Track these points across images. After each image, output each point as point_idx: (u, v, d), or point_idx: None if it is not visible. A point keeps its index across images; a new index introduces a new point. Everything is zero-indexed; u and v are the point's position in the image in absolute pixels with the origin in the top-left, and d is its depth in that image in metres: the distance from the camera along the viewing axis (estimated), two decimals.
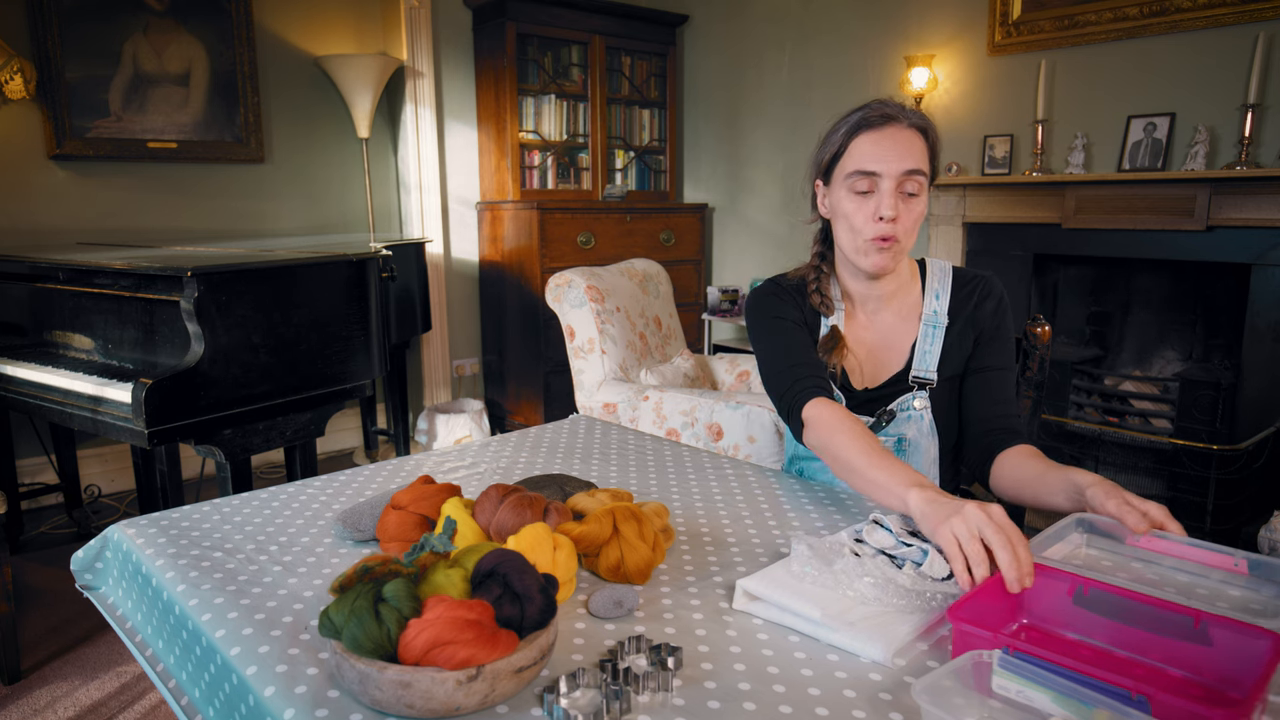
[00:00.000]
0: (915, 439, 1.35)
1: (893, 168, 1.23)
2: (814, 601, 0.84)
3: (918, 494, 0.98)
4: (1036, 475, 1.16)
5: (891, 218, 1.24)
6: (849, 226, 1.29)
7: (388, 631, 0.70)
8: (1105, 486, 0.99)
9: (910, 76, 3.53)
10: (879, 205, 1.24)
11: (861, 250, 1.28)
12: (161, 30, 3.38)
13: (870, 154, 1.24)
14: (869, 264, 1.29)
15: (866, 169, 1.25)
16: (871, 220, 1.25)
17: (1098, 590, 0.81)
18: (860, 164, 1.25)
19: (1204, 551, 0.91)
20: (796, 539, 0.93)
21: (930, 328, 1.35)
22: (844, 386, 1.38)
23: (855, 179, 1.26)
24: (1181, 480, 2.81)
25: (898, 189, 1.24)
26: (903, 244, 1.28)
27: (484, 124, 4.21)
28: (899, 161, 1.23)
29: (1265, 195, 2.69)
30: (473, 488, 1.28)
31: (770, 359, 1.36)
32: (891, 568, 0.90)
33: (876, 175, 1.24)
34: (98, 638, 2.31)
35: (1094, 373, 3.26)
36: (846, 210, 1.28)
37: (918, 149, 1.25)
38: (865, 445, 1.12)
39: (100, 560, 1.16)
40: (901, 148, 1.24)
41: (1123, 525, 0.94)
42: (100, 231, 3.34)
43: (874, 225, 1.25)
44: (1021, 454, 1.23)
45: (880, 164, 1.24)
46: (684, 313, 4.09)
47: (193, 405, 2.00)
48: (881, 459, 1.08)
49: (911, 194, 1.25)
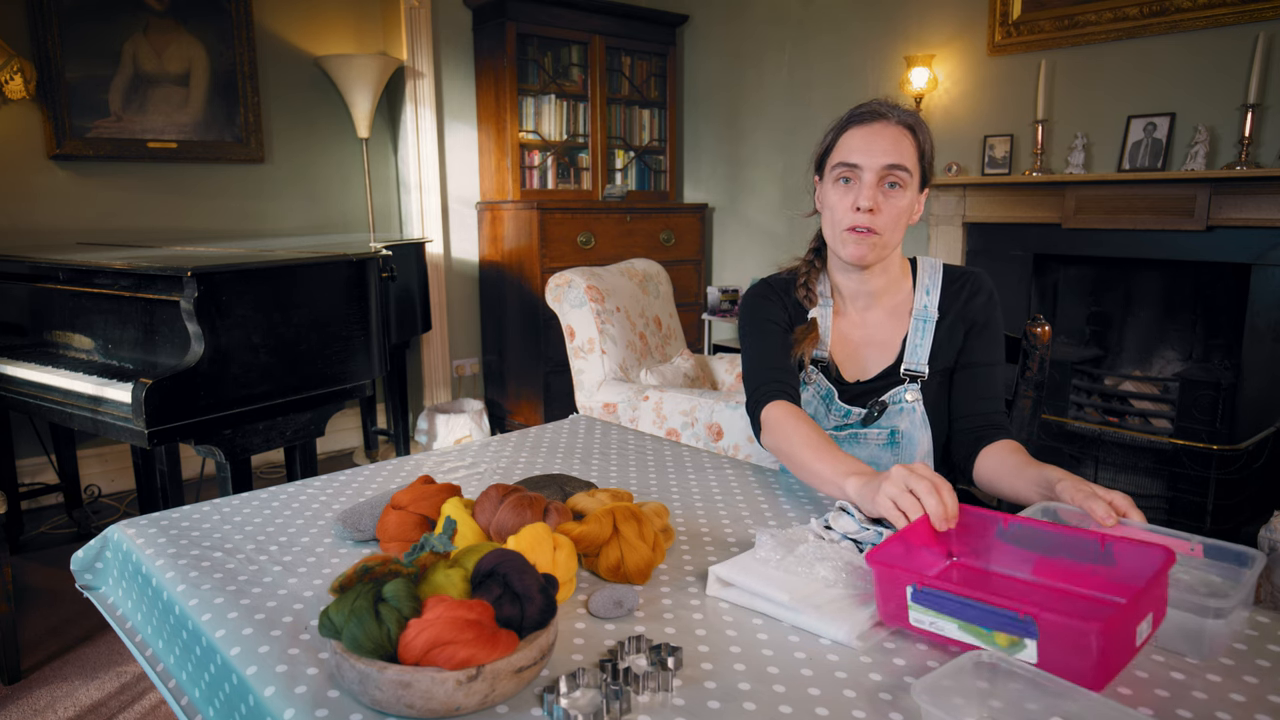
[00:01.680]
0: (908, 431, 1.37)
1: (874, 160, 1.27)
2: (782, 586, 0.88)
3: (854, 480, 1.05)
4: (1013, 469, 1.20)
5: (868, 208, 1.27)
6: (830, 217, 1.33)
7: (388, 631, 0.70)
8: (1075, 480, 1.05)
9: (910, 76, 3.53)
10: (857, 196, 1.28)
11: (839, 240, 1.32)
12: (161, 30, 3.38)
13: (855, 147, 1.29)
14: (845, 253, 1.32)
15: (849, 161, 1.29)
16: (849, 210, 1.29)
17: (1017, 524, 0.91)
18: (844, 156, 1.30)
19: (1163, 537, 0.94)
20: (760, 530, 0.99)
21: (921, 322, 1.38)
22: (836, 380, 1.40)
23: (839, 170, 1.31)
24: (1181, 480, 2.80)
25: (879, 182, 1.28)
26: (883, 238, 1.30)
27: (484, 124, 4.21)
28: (881, 155, 1.27)
29: (1265, 195, 2.69)
30: (473, 488, 1.28)
31: (746, 360, 1.42)
32: (852, 552, 0.96)
33: (858, 167, 1.28)
34: (98, 638, 2.32)
35: (1094, 373, 3.26)
36: (830, 201, 1.33)
37: (904, 146, 1.28)
38: (814, 441, 1.19)
39: (100, 560, 1.16)
40: (885, 142, 1.27)
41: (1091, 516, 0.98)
42: (100, 231, 3.34)
43: (851, 215, 1.29)
44: (1003, 449, 1.27)
45: (862, 156, 1.28)
46: (684, 313, 4.09)
47: (193, 405, 2.00)
48: (827, 453, 1.15)
49: (894, 186, 1.28)
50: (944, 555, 0.95)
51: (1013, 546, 0.91)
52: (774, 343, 1.39)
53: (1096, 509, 0.97)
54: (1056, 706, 0.64)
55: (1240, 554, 0.88)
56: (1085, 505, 0.99)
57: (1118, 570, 0.83)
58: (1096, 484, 1.02)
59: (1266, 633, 0.84)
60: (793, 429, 1.23)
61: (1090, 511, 0.98)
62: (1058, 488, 1.05)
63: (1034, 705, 0.65)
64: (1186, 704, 0.72)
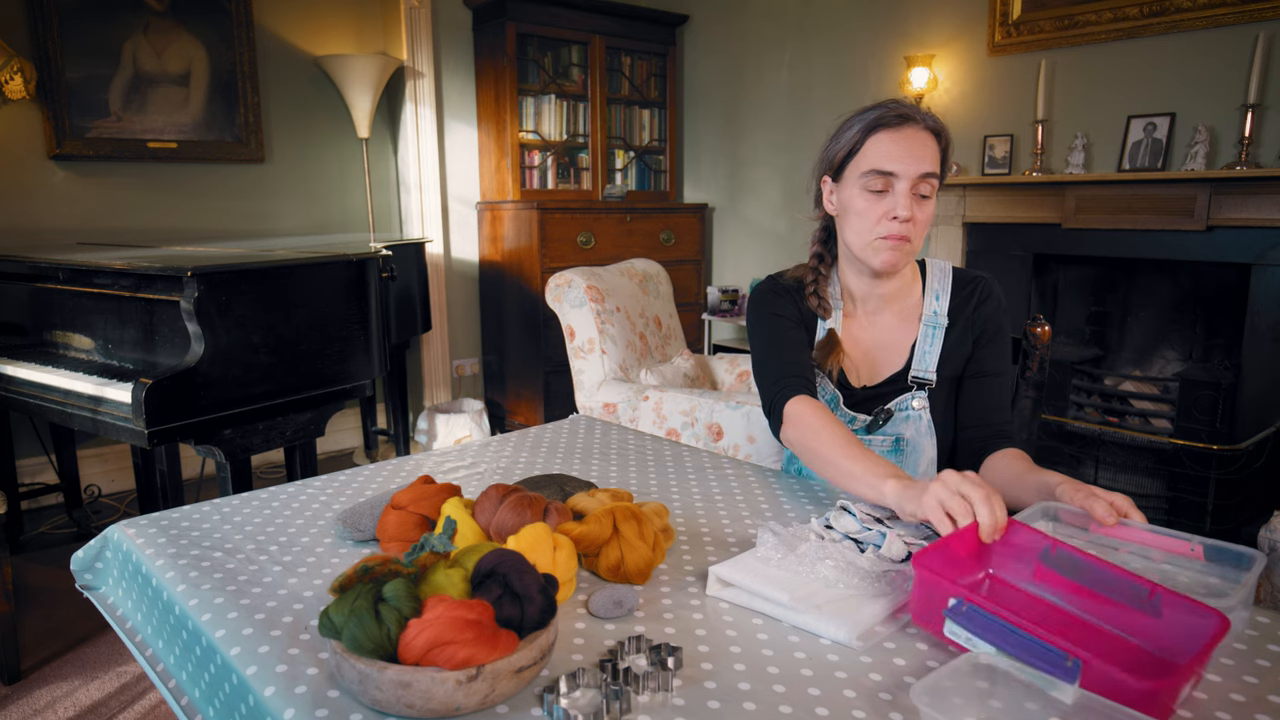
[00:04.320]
0: (913, 439, 1.36)
1: (910, 169, 1.24)
2: (782, 586, 0.88)
3: (894, 484, 1.02)
4: (1015, 475, 1.20)
5: (907, 218, 1.24)
6: (858, 225, 1.29)
7: (388, 631, 0.70)
8: (1074, 483, 1.04)
9: (910, 76, 3.53)
10: (894, 206, 1.24)
11: (871, 248, 1.29)
12: (161, 30, 3.38)
13: (888, 153, 1.24)
14: (879, 261, 1.29)
15: (884, 168, 1.24)
16: (884, 219, 1.26)
17: (1064, 551, 0.85)
18: (877, 163, 1.25)
19: (1163, 537, 0.94)
20: (762, 527, 0.97)
21: (930, 328, 1.36)
22: (842, 385, 1.39)
23: (871, 178, 1.26)
24: (1181, 480, 2.80)
25: (912, 190, 1.25)
26: (913, 244, 1.28)
27: (484, 124, 4.21)
28: (916, 164, 1.24)
29: (1265, 195, 2.69)
30: (473, 488, 1.28)
31: (761, 354, 1.37)
32: (854, 551, 0.95)
33: (893, 176, 1.24)
34: (98, 638, 2.31)
35: (1094, 373, 3.26)
36: (859, 208, 1.28)
37: (931, 151, 1.25)
38: (843, 440, 1.16)
39: (100, 560, 1.16)
40: (919, 149, 1.24)
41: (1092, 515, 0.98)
42: (100, 231, 3.34)
43: (886, 224, 1.26)
44: (1007, 457, 1.26)
45: (898, 164, 1.24)
46: (684, 313, 4.09)
47: (193, 405, 2.00)
48: (859, 452, 1.13)
49: (924, 196, 1.26)
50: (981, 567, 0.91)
51: (1054, 572, 0.86)
52: (788, 336, 1.35)
53: (1097, 508, 0.97)
54: (1055, 707, 0.64)
55: (1240, 554, 0.88)
56: (1085, 505, 0.98)
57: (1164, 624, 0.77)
58: (1097, 486, 1.03)
59: (1266, 633, 0.84)
60: (820, 425, 1.20)
61: (1090, 510, 0.97)
62: (1057, 490, 1.05)
63: (1033, 705, 0.65)
64: (1187, 704, 0.72)
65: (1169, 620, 0.77)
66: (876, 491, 1.05)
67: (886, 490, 1.03)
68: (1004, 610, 0.72)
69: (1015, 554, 0.90)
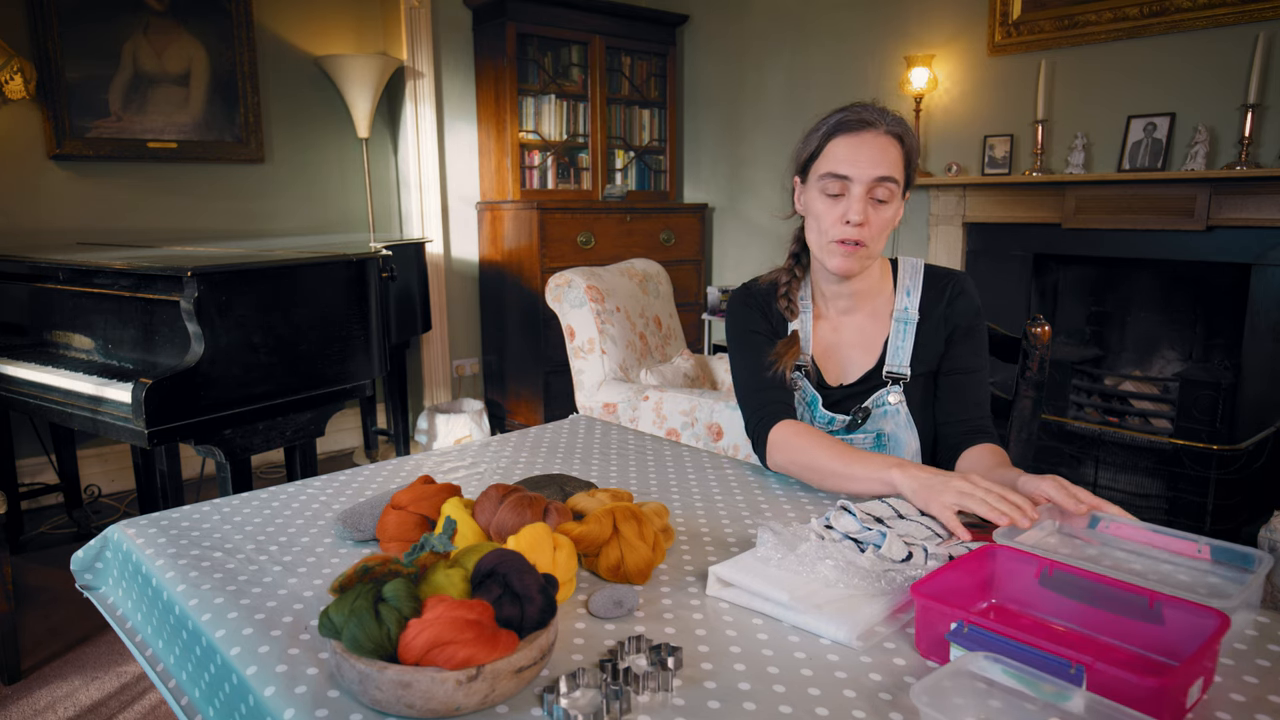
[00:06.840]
0: (894, 433, 1.37)
1: (864, 173, 1.25)
2: (782, 585, 0.88)
3: (899, 473, 1.06)
4: (984, 471, 1.21)
5: (859, 222, 1.26)
6: (817, 227, 1.32)
7: (388, 631, 0.70)
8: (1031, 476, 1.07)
9: (910, 76, 3.53)
10: (847, 209, 1.27)
11: (826, 251, 1.31)
12: (161, 30, 3.37)
13: (844, 158, 1.26)
14: (832, 265, 1.31)
15: (838, 172, 1.27)
16: (839, 223, 1.28)
17: (1062, 572, 0.86)
18: (833, 167, 1.27)
19: (1168, 538, 0.94)
20: (762, 527, 0.98)
21: (902, 324, 1.37)
22: (819, 384, 1.40)
23: (827, 180, 1.28)
24: (1181, 480, 2.80)
25: (867, 194, 1.26)
26: (869, 249, 1.29)
27: (484, 124, 4.21)
28: (871, 168, 1.25)
29: (1265, 195, 2.69)
30: (473, 488, 1.28)
31: (741, 378, 1.41)
32: (854, 551, 0.95)
33: (848, 179, 1.26)
34: (98, 638, 2.31)
35: (1094, 373, 3.26)
36: (817, 211, 1.31)
37: (892, 155, 1.26)
38: (834, 449, 1.20)
39: (100, 560, 1.16)
40: (875, 154, 1.25)
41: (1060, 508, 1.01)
42: (100, 231, 3.34)
43: (840, 228, 1.28)
44: (980, 452, 1.28)
45: (852, 168, 1.26)
46: (684, 313, 4.09)
47: (193, 405, 2.00)
48: (854, 455, 1.17)
49: (881, 200, 1.27)
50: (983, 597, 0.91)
51: (1054, 594, 0.86)
52: (764, 360, 1.38)
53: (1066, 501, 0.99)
54: (1055, 708, 0.64)
55: (1247, 555, 0.88)
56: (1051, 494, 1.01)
57: (1167, 630, 0.78)
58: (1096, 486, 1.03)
59: (1266, 633, 0.84)
60: (809, 442, 1.24)
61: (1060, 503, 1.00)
62: (1019, 482, 1.07)
63: (1033, 706, 0.65)
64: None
65: (1171, 626, 0.78)
66: (884, 484, 1.08)
67: (894, 478, 1.06)
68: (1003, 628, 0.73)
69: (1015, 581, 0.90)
